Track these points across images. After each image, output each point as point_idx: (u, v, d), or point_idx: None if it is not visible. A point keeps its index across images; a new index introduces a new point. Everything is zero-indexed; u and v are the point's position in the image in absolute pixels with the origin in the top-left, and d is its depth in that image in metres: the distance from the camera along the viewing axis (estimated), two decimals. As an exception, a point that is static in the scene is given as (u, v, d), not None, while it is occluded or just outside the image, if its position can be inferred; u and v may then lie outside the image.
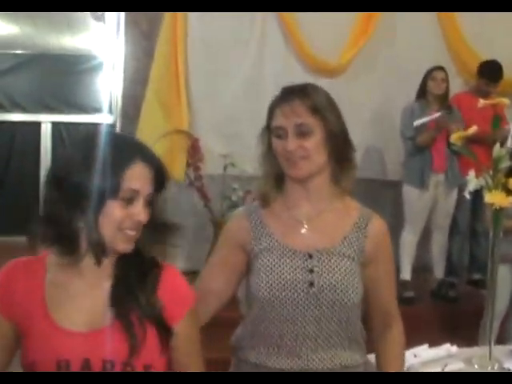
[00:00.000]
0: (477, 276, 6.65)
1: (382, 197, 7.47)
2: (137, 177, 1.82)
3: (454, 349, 3.23)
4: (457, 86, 6.63)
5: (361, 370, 2.35)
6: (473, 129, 3.18)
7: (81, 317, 1.85)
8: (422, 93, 6.11)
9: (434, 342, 3.28)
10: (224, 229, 2.44)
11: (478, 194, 5.69)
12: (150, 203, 1.87)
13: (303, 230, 2.27)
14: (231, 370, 2.40)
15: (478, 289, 6.52)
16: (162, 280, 1.93)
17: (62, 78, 13.05)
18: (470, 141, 3.97)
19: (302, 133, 2.18)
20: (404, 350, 2.46)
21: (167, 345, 1.91)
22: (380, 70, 7.07)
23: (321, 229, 2.27)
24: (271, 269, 2.20)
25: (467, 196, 3.21)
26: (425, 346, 3.24)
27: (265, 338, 2.25)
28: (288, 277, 2.19)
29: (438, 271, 6.29)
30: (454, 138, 3.19)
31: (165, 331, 1.89)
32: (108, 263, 1.89)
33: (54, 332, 1.82)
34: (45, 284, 1.87)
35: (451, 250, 6.34)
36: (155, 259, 1.96)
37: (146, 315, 1.86)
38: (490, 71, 6.37)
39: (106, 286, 1.88)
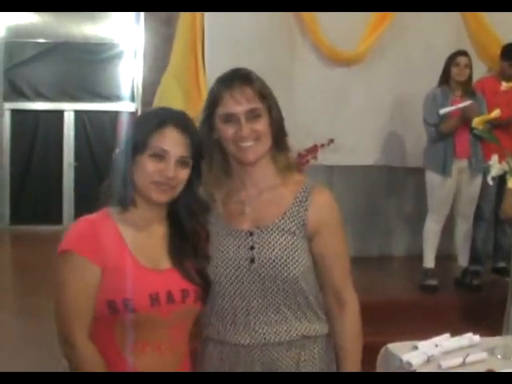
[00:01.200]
0: (501, 264, 6.56)
1: (405, 184, 7.43)
2: (166, 138, 2.17)
3: (476, 338, 3.15)
4: (478, 71, 6.50)
5: (322, 341, 2.39)
6: (496, 112, 3.11)
7: (154, 258, 2.22)
8: (445, 79, 5.99)
9: (457, 331, 3.21)
10: None
11: (502, 180, 5.66)
12: (187, 165, 2.21)
13: (247, 210, 2.35)
14: (199, 347, 2.48)
15: (502, 277, 6.44)
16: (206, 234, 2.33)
17: (84, 66, 13.10)
18: (494, 126, 3.90)
19: (253, 117, 2.27)
20: (359, 332, 2.42)
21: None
22: (398, 58, 6.99)
23: (262, 207, 2.35)
24: (217, 248, 2.32)
25: (490, 182, 3.14)
26: (446, 335, 3.16)
27: (221, 315, 2.35)
28: (232, 255, 2.31)
29: (462, 259, 6.20)
30: (477, 122, 3.11)
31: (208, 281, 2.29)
32: (158, 215, 2.27)
33: (142, 271, 2.17)
34: (120, 233, 2.20)
35: (475, 237, 6.24)
36: (204, 217, 2.32)
37: (199, 270, 2.26)
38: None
39: (164, 235, 2.28)
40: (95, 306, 2.13)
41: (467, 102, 5.72)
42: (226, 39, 6.45)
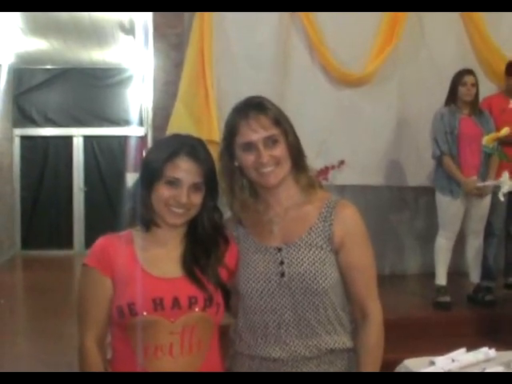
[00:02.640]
0: (513, 279, 6.61)
1: (416, 203, 7.48)
2: (178, 168, 2.32)
3: (492, 352, 3.19)
4: (485, 89, 6.54)
5: (349, 357, 2.46)
6: (505, 130, 3.17)
7: (165, 269, 2.37)
8: (452, 98, 6.02)
9: (471, 347, 3.25)
10: None
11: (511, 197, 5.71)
12: (200, 189, 2.35)
13: (275, 229, 2.46)
14: (228, 361, 2.56)
15: (515, 292, 6.49)
16: (230, 249, 2.46)
17: (93, 91, 13.24)
18: (503, 143, 3.96)
19: (271, 143, 2.38)
20: (378, 345, 2.46)
21: (228, 302, 2.42)
22: (405, 77, 7.02)
23: (289, 225, 2.46)
24: (247, 264, 2.43)
25: (502, 198, 3.20)
26: (462, 350, 3.20)
27: (252, 329, 2.44)
28: (262, 270, 2.41)
29: (474, 276, 6.22)
30: (487, 139, 3.18)
31: (226, 292, 2.41)
32: (178, 234, 2.42)
33: (147, 278, 2.33)
34: (134, 249, 2.39)
35: (486, 254, 6.24)
36: (221, 233, 2.45)
37: (212, 281, 2.36)
38: None
39: (180, 250, 2.42)
40: (111, 313, 2.33)
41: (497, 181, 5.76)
42: (235, 64, 6.53)
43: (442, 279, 6.07)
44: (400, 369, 3.19)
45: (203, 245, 2.41)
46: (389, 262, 7.43)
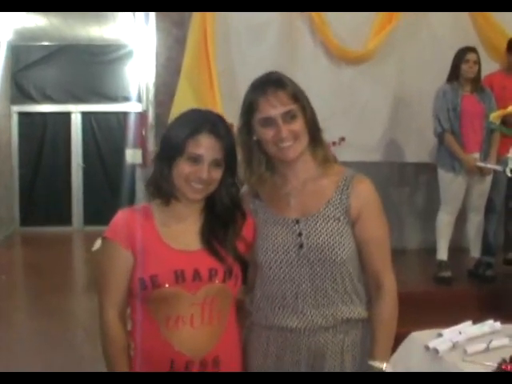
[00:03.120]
0: (512, 255, 6.68)
1: (416, 179, 7.53)
2: (200, 144, 2.35)
3: (497, 325, 3.27)
4: (487, 67, 6.56)
5: (364, 326, 2.51)
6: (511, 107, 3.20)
7: (185, 242, 2.42)
8: (454, 75, 6.05)
9: (473, 320, 3.32)
10: None
11: (512, 173, 5.76)
12: (220, 166, 2.38)
13: (292, 202, 2.51)
14: (244, 332, 2.61)
15: (515, 267, 6.56)
16: (247, 223, 2.50)
17: (91, 68, 13.22)
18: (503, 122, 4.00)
19: (290, 118, 2.41)
20: (392, 316, 2.50)
21: (245, 274, 2.48)
22: (406, 55, 7.04)
23: (306, 197, 2.51)
24: (266, 235, 2.48)
25: (509, 174, 3.24)
26: (469, 323, 3.28)
27: (270, 299, 2.49)
28: (280, 241, 2.46)
29: (475, 251, 6.29)
30: (494, 116, 3.22)
31: (244, 264, 2.46)
32: (197, 208, 2.47)
33: (168, 251, 2.38)
34: (155, 222, 2.43)
35: (487, 229, 6.31)
36: (238, 207, 2.49)
37: (231, 253, 2.41)
38: None
39: (199, 224, 2.46)
40: (131, 285, 2.38)
41: (499, 167, 5.83)
42: (238, 42, 6.56)
43: (443, 254, 6.13)
44: (408, 340, 3.27)
45: (221, 219, 2.45)
46: (390, 238, 7.46)
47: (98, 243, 4.94)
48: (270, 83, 2.44)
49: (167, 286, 2.32)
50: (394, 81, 6.98)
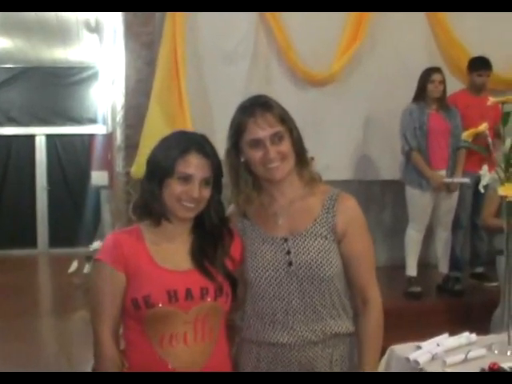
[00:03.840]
0: (479, 270, 6.81)
1: (382, 197, 7.63)
2: (190, 164, 2.42)
3: (473, 337, 3.33)
4: (451, 86, 6.69)
5: (350, 341, 2.61)
6: (484, 126, 3.29)
7: (176, 261, 2.47)
8: (421, 94, 6.19)
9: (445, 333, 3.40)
10: None
11: (478, 190, 5.88)
12: (209, 184, 2.45)
13: (280, 220, 2.58)
14: (234, 348, 2.68)
15: (481, 282, 6.68)
16: (235, 241, 2.57)
17: (55, 90, 13.18)
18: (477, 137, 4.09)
19: (277, 140, 2.50)
20: (379, 329, 2.65)
21: (235, 291, 2.53)
22: (371, 75, 7.14)
23: (294, 216, 2.59)
24: (255, 254, 2.55)
25: (482, 190, 3.32)
26: (445, 335, 3.35)
27: (260, 316, 2.56)
28: (269, 259, 2.53)
29: (443, 266, 6.41)
30: (466, 134, 3.30)
31: (233, 282, 2.52)
32: (186, 228, 2.51)
33: (161, 272, 2.43)
34: (146, 243, 2.47)
35: (454, 245, 6.44)
36: (226, 226, 2.56)
37: (221, 271, 2.47)
38: (479, 62, 6.55)
39: (189, 243, 2.51)
40: (124, 305, 2.42)
41: (466, 180, 6.06)
42: (208, 62, 6.65)
43: (412, 270, 6.24)
44: (388, 354, 3.33)
45: (210, 237, 2.51)
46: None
47: (74, 265, 4.99)
48: (258, 105, 2.52)
49: (160, 305, 2.37)
50: (360, 100, 7.06)
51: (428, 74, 6.17)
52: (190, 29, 6.53)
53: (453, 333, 3.39)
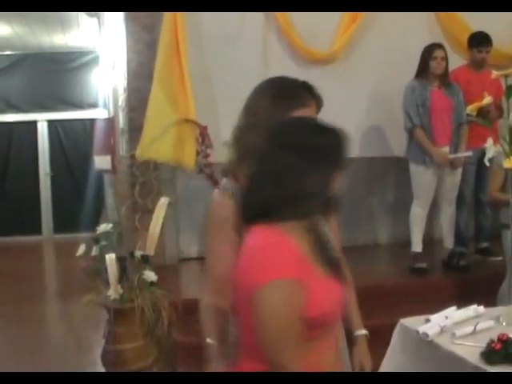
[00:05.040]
0: (484, 245, 6.84)
1: (385, 175, 7.65)
2: None
3: (481, 309, 3.38)
4: (452, 62, 6.69)
5: None
6: (487, 99, 3.32)
7: (321, 266, 2.14)
8: (423, 71, 6.19)
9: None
10: (213, 215, 2.59)
11: (481, 165, 5.93)
12: None
13: None
14: None
15: (486, 257, 6.72)
16: None
17: (55, 76, 13.18)
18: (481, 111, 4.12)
19: None
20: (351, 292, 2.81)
21: None
22: (372, 53, 7.15)
23: None
24: None
25: (487, 163, 3.35)
26: (453, 308, 3.39)
27: None
28: None
29: (448, 242, 6.44)
30: (471, 108, 3.33)
31: None
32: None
33: (326, 281, 2.12)
34: (299, 248, 2.08)
35: (459, 221, 6.48)
36: None
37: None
38: (478, 39, 6.54)
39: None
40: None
41: (469, 153, 6.07)
42: (209, 44, 6.67)
43: (417, 246, 6.28)
44: (398, 328, 3.38)
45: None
46: (362, 233, 7.60)
47: (82, 248, 5.00)
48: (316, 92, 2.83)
49: (333, 320, 2.18)
50: (362, 79, 7.07)
51: (430, 51, 6.16)
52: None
53: (459, 308, 3.43)
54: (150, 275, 4.88)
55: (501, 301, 4.84)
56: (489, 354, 2.75)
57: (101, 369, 4.96)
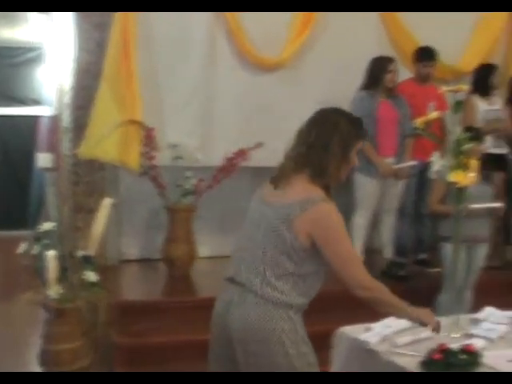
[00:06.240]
0: (423, 256, 6.97)
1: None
2: None
3: (421, 319, 3.44)
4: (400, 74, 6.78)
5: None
6: (436, 113, 3.39)
7: None
8: (373, 83, 6.29)
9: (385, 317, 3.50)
10: (339, 220, 2.96)
11: (422, 177, 6.05)
12: None
13: None
14: None
15: (424, 268, 6.84)
16: None
17: (0, 70, 12.94)
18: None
19: None
20: None
21: None
22: (322, 63, 7.17)
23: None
24: None
25: (432, 176, 3.42)
26: (393, 318, 3.44)
27: None
28: None
29: (388, 252, 6.54)
30: (419, 122, 3.39)
31: None
32: None
33: None
34: None
35: (399, 231, 6.58)
36: None
37: None
38: (424, 53, 6.71)
39: None
40: None
41: (414, 162, 6.21)
42: (160, 48, 6.62)
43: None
44: (338, 336, 3.42)
45: None
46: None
47: (23, 246, 4.94)
48: None
49: None
50: (311, 87, 7.08)
51: (385, 65, 6.28)
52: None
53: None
54: (91, 275, 4.85)
55: (440, 311, 4.94)
56: (428, 364, 2.81)
57: (36, 369, 4.89)
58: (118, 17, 6.33)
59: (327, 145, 2.94)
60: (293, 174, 2.96)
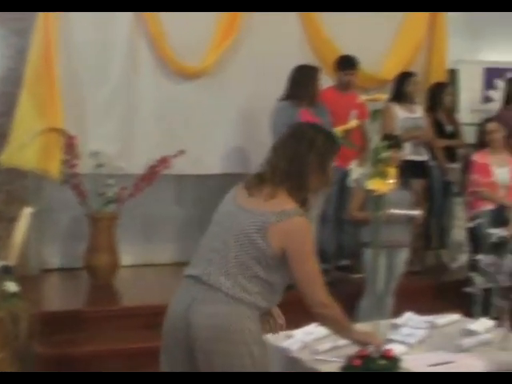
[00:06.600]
0: (344, 262, 7.04)
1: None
2: None
3: (341, 326, 3.49)
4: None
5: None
6: (354, 122, 3.45)
7: None
8: (298, 92, 6.35)
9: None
10: (311, 237, 3.10)
11: (343, 184, 6.12)
12: None
13: None
14: None
15: (346, 274, 6.91)
16: None
17: None
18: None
19: None
20: None
21: None
22: (245, 71, 7.17)
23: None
24: None
25: (351, 184, 3.48)
26: (315, 325, 3.49)
27: None
28: None
29: (310, 258, 6.57)
30: (338, 130, 3.45)
31: None
32: None
33: None
34: None
35: (321, 238, 6.60)
36: None
37: None
38: (345, 62, 6.82)
39: None
40: None
41: None
42: (82, 54, 6.54)
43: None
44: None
45: None
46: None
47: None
48: None
49: None
50: (233, 95, 7.10)
51: (313, 74, 6.37)
52: (64, 16, 6.39)
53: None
54: (11, 286, 4.76)
55: (362, 317, 5.01)
56: (348, 370, 2.85)
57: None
58: (39, 22, 6.23)
59: (306, 161, 2.97)
60: (271, 185, 2.98)
